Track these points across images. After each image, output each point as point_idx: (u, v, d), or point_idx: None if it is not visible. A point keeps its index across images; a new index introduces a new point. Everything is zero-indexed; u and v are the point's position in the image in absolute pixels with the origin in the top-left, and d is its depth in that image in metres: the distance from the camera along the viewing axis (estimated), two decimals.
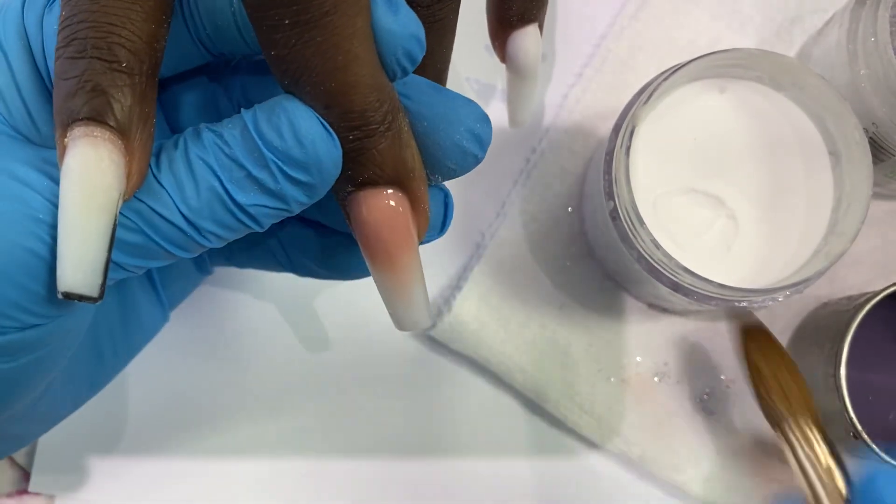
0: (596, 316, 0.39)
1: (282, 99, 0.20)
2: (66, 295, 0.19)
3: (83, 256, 0.19)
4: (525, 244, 0.40)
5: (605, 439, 0.39)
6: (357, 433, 0.39)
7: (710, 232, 0.34)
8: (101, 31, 0.19)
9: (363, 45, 0.20)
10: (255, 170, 0.20)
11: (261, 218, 0.21)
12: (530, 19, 0.31)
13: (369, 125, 0.20)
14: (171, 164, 0.21)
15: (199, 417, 0.39)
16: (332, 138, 0.20)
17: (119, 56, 0.19)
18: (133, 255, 0.21)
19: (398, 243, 0.22)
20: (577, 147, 0.40)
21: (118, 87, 0.19)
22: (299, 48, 0.19)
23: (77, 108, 0.19)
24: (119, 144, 0.19)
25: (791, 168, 0.35)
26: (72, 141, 0.19)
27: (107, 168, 0.19)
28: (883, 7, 0.33)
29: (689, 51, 0.40)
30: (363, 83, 0.20)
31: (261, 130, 0.20)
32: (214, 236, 0.21)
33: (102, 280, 0.19)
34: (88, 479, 0.39)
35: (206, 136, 0.21)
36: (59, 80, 0.19)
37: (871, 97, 0.34)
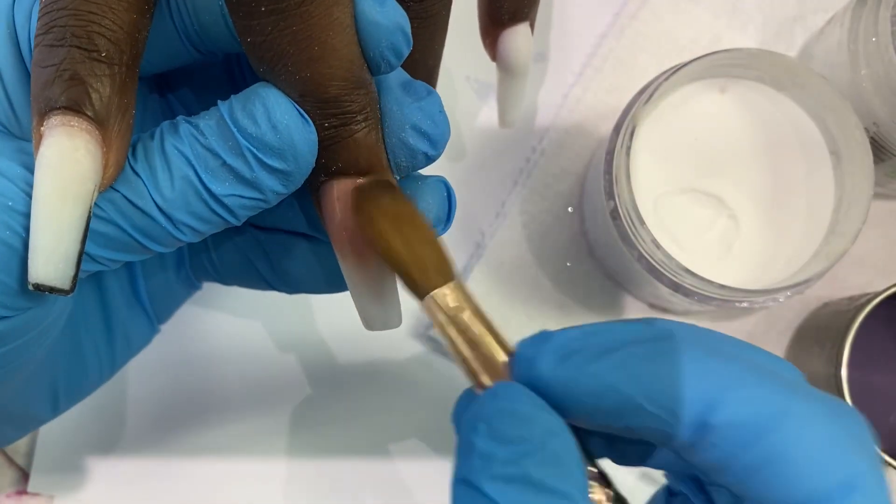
0: (596, 316, 0.39)
1: (257, 86, 0.20)
2: (36, 287, 0.19)
3: (56, 248, 0.19)
4: (525, 244, 0.40)
5: None
6: (357, 433, 0.39)
7: (711, 232, 0.34)
8: (82, 19, 0.19)
9: (340, 36, 0.20)
10: (230, 158, 0.20)
11: (237, 209, 0.21)
12: (521, 18, 0.31)
13: (345, 114, 0.20)
14: (147, 153, 0.20)
15: (199, 418, 0.39)
16: (306, 123, 0.20)
17: (99, 45, 0.19)
18: (106, 246, 0.21)
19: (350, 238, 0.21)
20: (577, 147, 0.40)
21: (97, 77, 0.19)
22: (275, 36, 0.19)
23: (55, 96, 0.19)
24: (96, 135, 0.19)
25: (792, 168, 0.35)
26: (48, 130, 0.19)
27: (82, 158, 0.19)
28: (884, 7, 0.33)
29: (690, 50, 0.40)
30: (338, 75, 0.20)
31: (235, 118, 0.20)
32: (189, 228, 0.21)
33: (75, 272, 0.19)
34: (88, 479, 0.39)
35: (182, 126, 0.20)
36: (37, 67, 0.19)
37: (872, 97, 0.34)
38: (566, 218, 0.40)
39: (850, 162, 0.33)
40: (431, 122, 0.22)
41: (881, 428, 0.35)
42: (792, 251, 0.34)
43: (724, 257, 0.34)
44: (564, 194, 0.40)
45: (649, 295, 0.38)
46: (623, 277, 0.38)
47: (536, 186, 0.40)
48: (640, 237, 0.32)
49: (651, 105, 0.34)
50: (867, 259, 0.39)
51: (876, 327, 0.35)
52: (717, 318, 0.39)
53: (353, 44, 0.20)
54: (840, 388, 0.34)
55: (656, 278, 0.32)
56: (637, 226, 0.32)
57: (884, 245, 0.40)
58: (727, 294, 0.32)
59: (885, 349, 0.37)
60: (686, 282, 0.32)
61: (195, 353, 0.40)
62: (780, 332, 0.39)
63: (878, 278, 0.39)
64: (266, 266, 0.27)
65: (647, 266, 0.33)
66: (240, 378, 0.40)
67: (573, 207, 0.40)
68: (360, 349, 0.40)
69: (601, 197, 0.33)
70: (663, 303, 0.38)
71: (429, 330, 0.39)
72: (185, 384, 0.39)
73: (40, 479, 0.39)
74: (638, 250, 0.32)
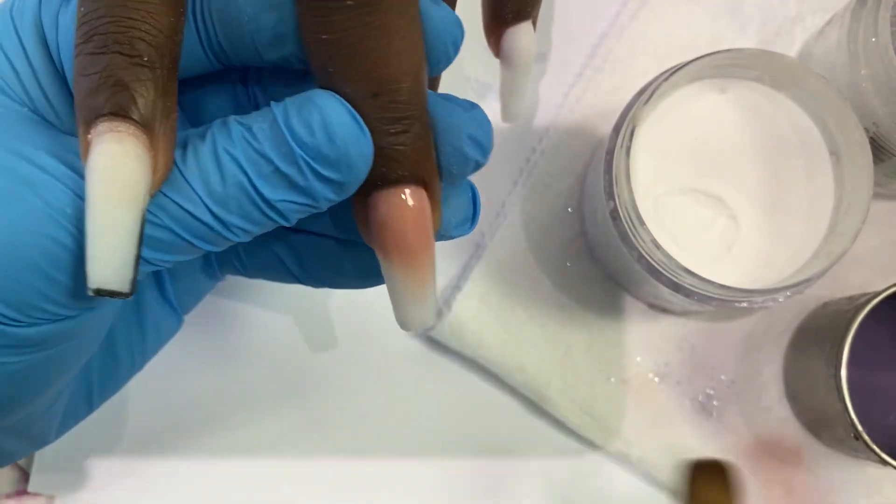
0: (596, 316, 0.39)
1: (313, 93, 0.20)
2: (97, 291, 0.19)
3: (113, 252, 0.19)
4: (525, 244, 0.40)
5: (605, 440, 0.39)
6: (357, 433, 0.39)
7: (711, 232, 0.34)
8: (122, 25, 0.19)
9: (418, 32, 0.20)
10: (284, 165, 0.20)
11: (288, 213, 0.21)
12: (524, 16, 0.32)
13: (411, 118, 0.20)
14: (198, 157, 0.20)
15: (200, 417, 0.39)
16: (364, 135, 0.20)
17: (140, 50, 0.19)
18: (161, 250, 0.21)
19: (423, 242, 0.22)
20: (577, 147, 0.40)
21: (141, 82, 0.19)
22: (357, 30, 0.19)
23: (100, 103, 0.19)
24: (143, 139, 0.19)
25: (792, 168, 0.35)
26: (96, 137, 0.19)
27: (133, 163, 0.19)
28: (884, 7, 0.33)
29: (689, 51, 0.40)
30: (413, 71, 0.20)
31: (291, 125, 0.20)
32: (241, 230, 0.21)
33: (133, 275, 0.19)
34: (88, 479, 0.39)
35: (234, 128, 0.20)
36: (80, 76, 0.19)
37: (872, 97, 0.34)
38: (566, 218, 0.40)
39: (849, 162, 0.33)
40: (484, 132, 0.22)
41: (881, 428, 0.35)
42: (792, 251, 0.34)
43: (724, 257, 0.34)
44: (564, 194, 0.40)
45: (649, 295, 0.38)
46: (623, 277, 0.38)
47: (536, 186, 0.40)
48: (640, 237, 0.32)
49: (651, 105, 0.34)
50: (867, 259, 0.39)
51: (876, 327, 0.35)
52: (717, 317, 0.39)
53: (423, 42, 0.20)
54: (840, 388, 0.34)
55: (656, 278, 0.33)
56: (637, 226, 0.32)
57: (884, 245, 0.40)
58: (727, 294, 0.32)
59: (884, 349, 0.37)
60: (686, 282, 0.32)
61: (195, 353, 0.40)
62: (779, 332, 0.39)
63: (878, 278, 0.39)
64: (294, 263, 0.27)
65: (646, 266, 0.33)
66: (240, 378, 0.40)
67: (573, 207, 0.40)
68: (360, 350, 0.40)
69: (601, 197, 0.33)
70: (663, 303, 0.38)
71: (430, 330, 0.39)
72: (185, 384, 0.39)
73: (40, 479, 0.39)
74: (638, 250, 0.32)
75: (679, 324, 0.39)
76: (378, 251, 0.22)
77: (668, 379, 0.39)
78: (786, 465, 0.39)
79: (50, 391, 0.24)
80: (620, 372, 0.39)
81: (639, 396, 0.39)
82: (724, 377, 0.39)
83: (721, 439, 0.39)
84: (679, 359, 0.39)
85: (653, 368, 0.39)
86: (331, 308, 0.40)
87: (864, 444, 0.33)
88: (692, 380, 0.39)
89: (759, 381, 0.39)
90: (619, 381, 0.39)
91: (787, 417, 0.39)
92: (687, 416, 0.39)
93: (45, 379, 0.23)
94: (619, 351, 0.39)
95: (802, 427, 0.39)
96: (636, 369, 0.39)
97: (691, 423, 0.39)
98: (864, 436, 0.33)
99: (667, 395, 0.39)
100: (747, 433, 0.39)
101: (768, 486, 0.38)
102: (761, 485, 0.38)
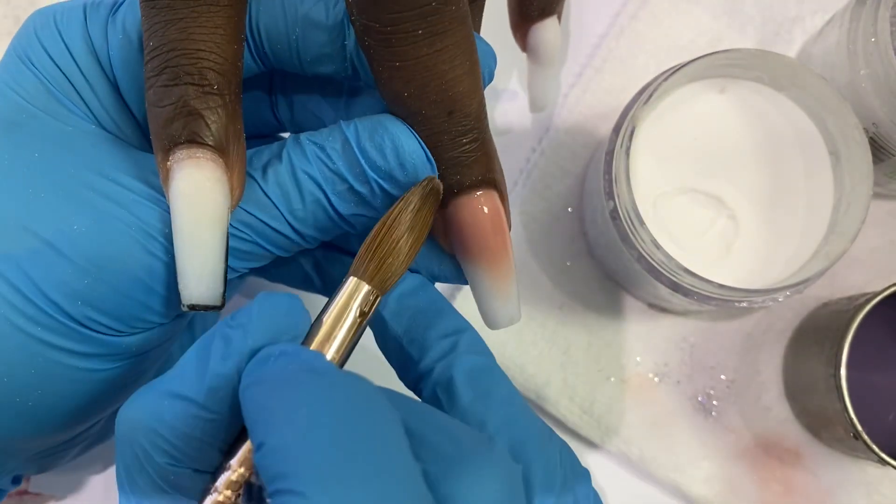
0: (596, 316, 0.39)
1: (385, 119, 0.21)
2: (191, 307, 0.20)
3: (203, 270, 0.20)
4: (525, 244, 0.40)
5: (605, 439, 0.39)
6: None
7: (711, 232, 0.34)
8: (192, 57, 0.20)
9: (476, 53, 0.21)
10: (357, 185, 0.22)
11: (357, 225, 0.23)
12: (550, 12, 0.34)
13: (480, 128, 0.22)
14: (279, 178, 0.22)
15: None
16: (431, 163, 0.22)
17: (210, 80, 0.20)
18: (246, 259, 0.23)
19: (503, 240, 0.23)
20: (577, 147, 0.40)
21: (212, 109, 0.20)
22: (430, 57, 0.20)
23: (177, 132, 0.20)
24: (220, 162, 0.20)
25: (791, 168, 0.35)
26: (176, 164, 0.20)
27: (213, 185, 0.20)
28: (883, 7, 0.33)
29: (689, 51, 0.40)
30: (478, 89, 0.22)
31: (364, 148, 0.21)
32: (314, 239, 0.23)
33: (223, 289, 0.21)
34: (88, 479, 0.39)
35: (308, 148, 0.22)
36: (155, 107, 0.20)
37: (872, 97, 0.34)
38: (566, 218, 0.40)
39: (849, 162, 0.33)
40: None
41: (881, 428, 0.35)
42: (791, 251, 0.34)
43: (724, 257, 0.34)
44: (564, 194, 0.40)
45: (649, 295, 0.38)
46: (623, 277, 0.38)
47: (536, 186, 0.40)
48: (640, 237, 0.32)
49: (650, 105, 0.34)
50: (867, 259, 0.39)
51: (875, 327, 0.35)
52: (717, 317, 0.39)
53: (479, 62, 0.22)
54: (839, 388, 0.34)
55: (656, 278, 0.33)
56: (636, 226, 0.32)
57: (883, 245, 0.40)
58: (726, 294, 0.32)
59: (884, 349, 0.37)
60: (685, 282, 0.32)
61: None
62: (779, 331, 0.39)
63: (878, 278, 0.39)
64: (317, 276, 0.29)
65: (646, 266, 0.33)
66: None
67: (573, 207, 0.40)
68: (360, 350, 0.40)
69: (601, 197, 0.33)
70: (662, 302, 0.38)
71: None
72: None
73: (41, 479, 0.39)
74: (637, 250, 0.32)
75: (679, 324, 0.39)
76: (462, 255, 0.24)
77: (668, 378, 0.39)
78: (785, 464, 0.39)
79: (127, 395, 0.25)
80: (620, 371, 0.39)
81: (638, 396, 0.39)
82: (723, 377, 0.39)
83: (720, 439, 0.39)
84: (679, 358, 0.39)
85: (652, 368, 0.39)
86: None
87: (864, 444, 0.33)
88: (692, 379, 0.39)
89: (759, 381, 0.39)
90: (618, 380, 0.39)
91: (787, 417, 0.39)
92: (686, 416, 0.39)
93: (130, 383, 0.25)
94: (618, 350, 0.39)
95: (802, 427, 0.39)
96: (636, 369, 0.39)
97: (691, 423, 0.39)
98: (864, 436, 0.33)
99: (666, 395, 0.39)
100: (747, 433, 0.39)
101: (767, 486, 0.38)
102: (760, 484, 0.38)
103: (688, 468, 0.38)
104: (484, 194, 0.23)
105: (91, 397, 0.24)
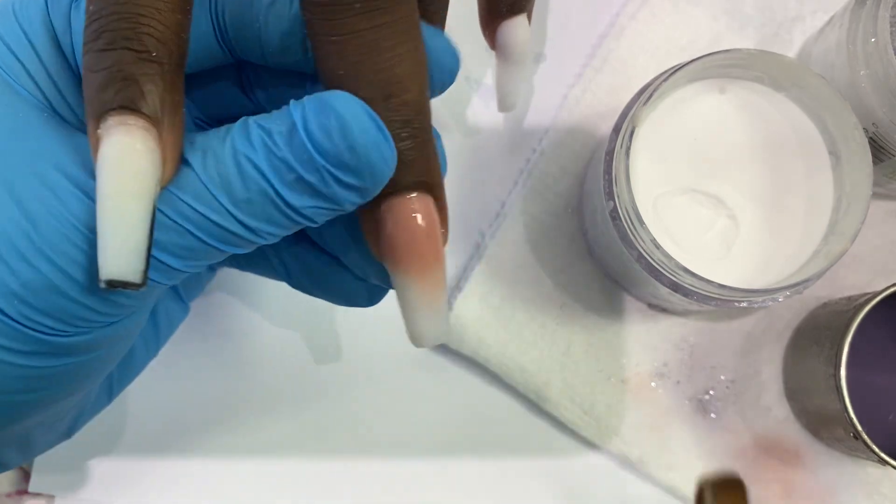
0: (596, 316, 0.39)
1: (332, 97, 0.19)
2: (109, 283, 0.19)
3: (124, 243, 0.19)
4: (525, 244, 0.40)
5: (605, 440, 0.39)
6: (357, 433, 0.39)
7: (711, 232, 0.34)
8: (131, 21, 0.19)
9: (420, 40, 0.20)
10: (306, 173, 0.20)
11: (315, 217, 0.21)
12: (519, 10, 0.32)
13: (420, 123, 0.20)
14: (219, 164, 0.20)
15: (200, 418, 0.39)
16: (386, 141, 0.19)
17: (149, 46, 0.19)
18: (191, 258, 0.21)
19: (435, 250, 0.21)
20: (577, 147, 0.40)
21: (149, 77, 0.19)
22: (368, 32, 0.19)
23: (110, 98, 0.19)
24: (153, 132, 0.19)
25: (791, 168, 0.35)
26: (106, 130, 0.19)
27: (142, 155, 0.19)
28: (883, 7, 0.33)
29: (689, 51, 0.40)
30: (420, 77, 0.20)
31: (310, 131, 0.19)
32: (269, 234, 0.21)
33: (145, 266, 0.19)
34: (88, 479, 0.39)
35: (254, 132, 0.20)
36: (89, 72, 0.19)
37: (871, 97, 0.34)
38: (566, 218, 0.40)
39: (849, 162, 0.33)
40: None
41: (881, 428, 0.35)
42: (791, 251, 0.34)
43: (724, 257, 0.34)
44: (564, 194, 0.40)
45: (649, 295, 0.38)
46: (623, 277, 0.38)
47: (536, 186, 0.40)
48: (640, 237, 0.32)
49: (650, 105, 0.34)
50: (866, 259, 0.39)
51: (875, 327, 0.35)
52: (717, 317, 0.40)
53: (425, 54, 0.20)
54: (839, 388, 0.34)
55: (656, 278, 0.33)
56: (636, 226, 0.32)
57: (883, 245, 0.40)
58: (726, 294, 0.32)
59: (884, 349, 0.37)
60: (685, 282, 0.32)
61: (195, 353, 0.40)
62: (779, 331, 0.39)
63: (878, 278, 0.39)
64: (282, 269, 0.28)
65: (646, 266, 0.33)
66: (240, 378, 0.40)
67: (573, 207, 0.40)
68: (360, 350, 0.40)
69: (600, 197, 0.33)
70: (662, 302, 0.38)
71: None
72: (186, 385, 0.40)
73: (41, 479, 0.39)
74: (637, 250, 0.32)
75: (679, 324, 0.39)
76: (389, 261, 0.22)
77: (668, 379, 0.39)
78: (785, 464, 0.39)
79: (80, 393, 0.24)
80: (620, 372, 0.39)
81: (638, 396, 0.39)
82: (723, 377, 0.39)
83: (720, 439, 0.39)
84: (678, 358, 0.39)
85: (652, 368, 0.39)
86: (331, 308, 0.40)
87: (864, 444, 0.33)
88: (691, 380, 0.39)
89: (759, 381, 0.39)
90: (618, 380, 0.39)
91: (787, 417, 0.39)
92: (686, 416, 0.39)
93: (78, 382, 0.23)
94: (618, 351, 0.39)
95: (802, 427, 0.39)
96: (636, 369, 0.39)
97: (691, 423, 0.39)
98: (864, 435, 0.33)
99: (666, 395, 0.39)
100: (746, 433, 0.39)
101: (767, 486, 0.38)
102: (760, 484, 0.38)
103: (688, 468, 0.38)
104: (418, 198, 0.21)
105: (36, 395, 0.23)
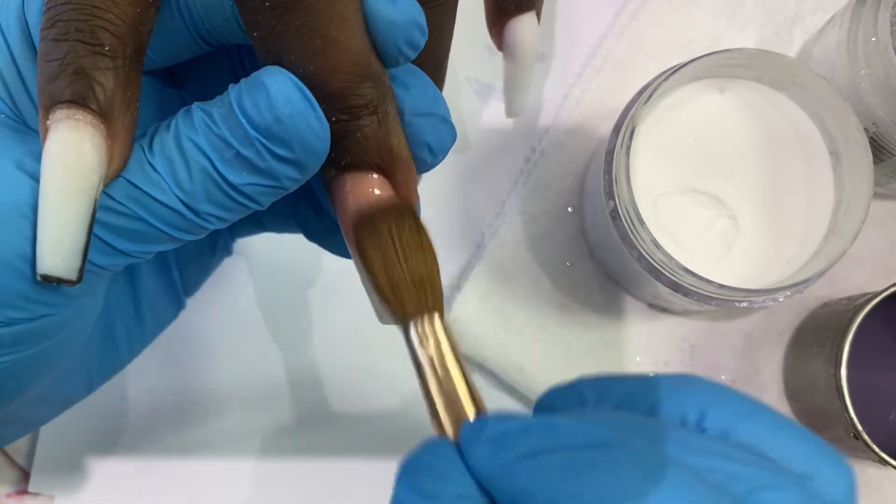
0: (596, 316, 0.39)
1: (262, 73, 0.20)
2: (44, 278, 0.19)
3: (61, 240, 0.19)
4: (525, 244, 0.40)
5: None
6: (357, 433, 0.39)
7: (711, 232, 0.34)
8: (85, 13, 0.19)
9: (342, 29, 0.20)
10: (243, 148, 0.20)
11: (257, 196, 0.21)
12: (528, 7, 0.31)
13: (352, 108, 0.20)
14: (164, 146, 0.20)
15: (199, 418, 0.39)
16: (313, 111, 0.20)
17: (102, 39, 0.19)
18: (136, 241, 0.21)
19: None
20: (577, 147, 0.40)
21: (100, 71, 0.19)
22: (279, 30, 0.19)
23: (59, 90, 0.19)
24: (101, 128, 0.19)
25: (791, 168, 0.35)
26: (53, 124, 0.19)
27: (87, 151, 0.19)
28: (883, 7, 0.33)
29: (689, 51, 0.40)
30: (342, 68, 0.20)
31: (243, 106, 0.20)
32: (214, 217, 0.21)
33: (81, 264, 0.19)
34: (88, 479, 0.39)
35: (196, 115, 0.20)
36: (43, 61, 0.19)
37: (872, 97, 0.34)
38: (566, 218, 0.40)
39: (849, 162, 0.33)
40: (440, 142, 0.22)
41: (881, 428, 0.35)
42: (791, 251, 0.34)
43: (724, 257, 0.34)
44: (564, 194, 0.40)
45: (649, 295, 0.38)
46: (623, 277, 0.38)
47: (536, 186, 0.40)
48: (640, 237, 0.32)
49: (651, 105, 0.34)
50: (867, 259, 0.39)
51: (875, 327, 0.35)
52: (717, 317, 0.39)
53: (359, 37, 0.20)
54: (840, 388, 0.34)
55: (656, 278, 0.33)
56: (637, 226, 0.32)
57: (883, 245, 0.40)
58: (727, 294, 0.32)
59: (884, 349, 0.37)
60: (686, 281, 0.32)
61: (195, 353, 0.40)
62: (779, 331, 0.39)
63: (878, 278, 0.39)
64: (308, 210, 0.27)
65: (646, 266, 0.33)
66: (240, 378, 0.40)
67: (573, 207, 0.40)
68: (359, 349, 0.40)
69: (601, 197, 0.33)
70: (663, 302, 0.38)
71: None
72: (184, 384, 0.39)
73: (41, 479, 0.39)
74: (638, 250, 0.32)
75: (679, 323, 0.39)
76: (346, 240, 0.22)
77: None
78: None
79: (40, 382, 0.24)
80: (620, 372, 0.39)
81: None
82: (724, 377, 0.39)
83: None
84: (679, 358, 0.39)
85: (653, 368, 0.39)
86: (330, 306, 0.40)
87: (864, 444, 0.33)
88: None
89: (759, 381, 0.39)
90: None
91: (787, 417, 0.39)
92: None
93: (31, 375, 0.23)
94: (618, 351, 0.39)
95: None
96: (636, 369, 0.39)
97: None
98: (864, 435, 0.33)
99: None
100: None
101: None
102: None
103: None
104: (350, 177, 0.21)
105: None
